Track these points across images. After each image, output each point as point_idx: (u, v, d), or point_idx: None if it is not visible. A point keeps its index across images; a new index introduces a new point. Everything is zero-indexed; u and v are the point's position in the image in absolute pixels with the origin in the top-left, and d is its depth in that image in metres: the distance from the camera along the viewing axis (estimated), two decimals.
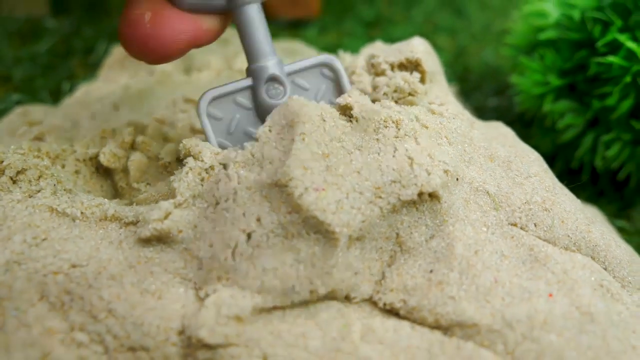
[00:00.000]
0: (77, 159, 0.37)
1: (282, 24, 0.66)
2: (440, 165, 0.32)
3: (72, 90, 0.53)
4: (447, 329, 0.30)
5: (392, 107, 0.35)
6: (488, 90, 0.60)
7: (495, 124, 0.40)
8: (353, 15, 0.69)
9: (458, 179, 0.33)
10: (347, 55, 0.43)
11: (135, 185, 0.37)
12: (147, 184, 0.37)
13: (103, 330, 0.29)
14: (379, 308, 0.31)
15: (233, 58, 0.50)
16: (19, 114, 0.45)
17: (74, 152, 0.38)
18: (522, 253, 0.32)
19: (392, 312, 0.31)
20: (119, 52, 0.53)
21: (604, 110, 0.45)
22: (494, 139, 0.37)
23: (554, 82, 0.46)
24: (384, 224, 0.32)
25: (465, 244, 0.32)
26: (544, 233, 0.33)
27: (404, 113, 0.34)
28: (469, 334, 0.29)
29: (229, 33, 0.53)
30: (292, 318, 0.30)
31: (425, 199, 0.32)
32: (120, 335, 0.29)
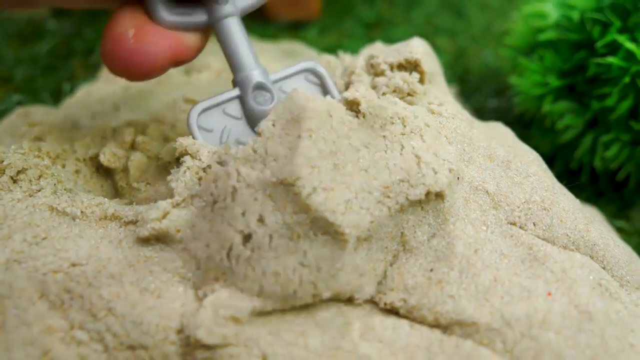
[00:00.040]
0: (77, 159, 0.38)
1: (282, 25, 0.66)
2: (446, 164, 0.32)
3: (72, 91, 0.53)
4: (446, 328, 0.30)
5: (397, 102, 0.34)
6: (488, 92, 0.60)
7: (495, 124, 0.40)
8: (353, 17, 0.69)
9: (459, 178, 0.33)
10: (346, 56, 0.43)
11: (136, 185, 0.37)
12: (147, 184, 0.37)
13: (103, 329, 0.29)
14: (379, 307, 0.31)
15: None
16: (20, 115, 0.45)
17: (75, 152, 0.38)
18: (521, 252, 0.32)
19: (392, 311, 0.31)
20: None
21: (603, 111, 0.45)
22: (493, 139, 0.37)
23: (554, 82, 0.46)
24: (391, 224, 0.31)
25: (466, 243, 0.32)
26: (543, 232, 0.33)
27: (410, 109, 0.34)
28: (468, 333, 0.30)
29: None
30: (291, 317, 0.30)
31: (431, 198, 0.32)
32: (120, 334, 0.29)
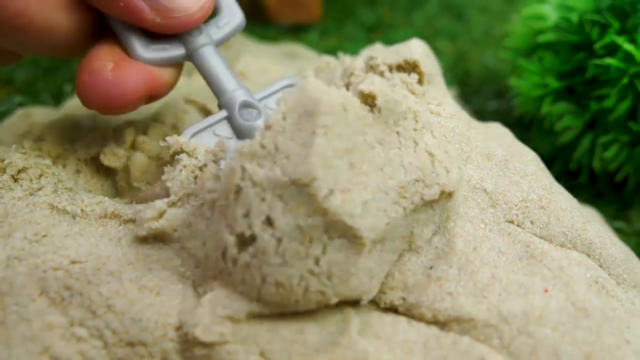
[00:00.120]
0: (78, 159, 0.38)
1: (283, 28, 0.67)
2: (455, 162, 0.32)
3: (73, 93, 0.54)
4: (444, 325, 0.30)
5: (408, 96, 0.34)
6: (488, 94, 0.60)
7: (493, 125, 0.40)
8: (354, 20, 0.70)
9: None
10: (346, 58, 0.43)
11: (136, 185, 0.37)
12: (147, 183, 0.37)
13: (102, 326, 0.29)
14: (378, 306, 0.31)
15: (234, 60, 0.50)
16: (21, 116, 0.45)
17: (75, 151, 0.38)
18: (518, 250, 0.32)
19: (390, 309, 0.31)
20: None
21: (602, 112, 0.45)
22: (492, 139, 0.37)
23: (553, 84, 0.46)
24: (404, 224, 0.31)
25: (465, 241, 0.32)
26: (540, 230, 0.33)
27: (421, 104, 0.34)
28: (466, 329, 0.30)
29: None
30: (289, 314, 0.30)
31: (443, 198, 0.31)
32: (119, 331, 0.29)
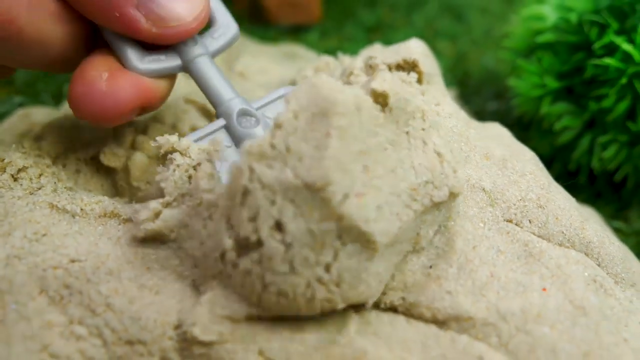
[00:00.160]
0: (77, 159, 0.38)
1: (283, 29, 0.67)
2: (461, 162, 0.32)
3: None
4: (443, 323, 0.30)
5: (416, 94, 0.33)
6: (487, 95, 0.60)
7: (492, 125, 0.40)
8: (354, 20, 0.70)
9: None
10: (345, 57, 0.43)
11: (136, 184, 0.37)
12: (147, 183, 0.37)
13: (101, 324, 0.29)
14: (378, 306, 0.31)
15: (234, 61, 0.50)
16: (21, 116, 0.45)
17: (75, 151, 0.38)
18: (517, 248, 0.32)
19: (390, 309, 0.31)
20: None
21: (601, 112, 0.45)
22: (490, 138, 0.37)
23: (552, 84, 0.46)
24: (412, 227, 0.30)
25: (465, 239, 0.32)
26: (539, 229, 0.33)
27: (427, 101, 0.34)
28: (464, 328, 0.30)
29: None
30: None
31: (450, 199, 0.31)
32: (118, 329, 0.29)
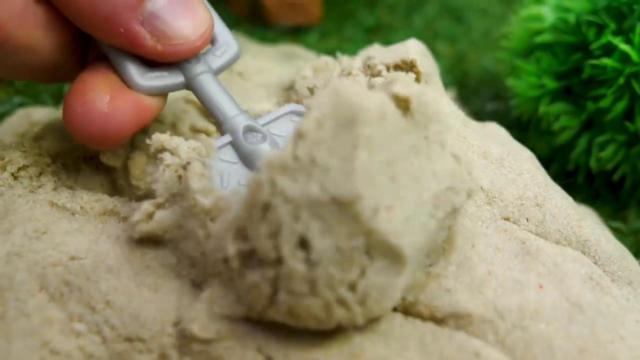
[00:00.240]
0: (77, 158, 0.38)
1: (282, 30, 0.67)
2: (473, 162, 0.32)
3: None
4: (441, 321, 0.30)
5: (437, 97, 0.33)
6: (486, 95, 0.61)
7: (490, 124, 0.40)
8: (354, 22, 0.70)
9: None
10: (344, 58, 0.44)
11: (135, 183, 0.37)
12: (146, 182, 0.37)
13: (101, 321, 0.29)
14: None
15: None
16: (21, 116, 0.46)
17: (75, 150, 0.38)
18: (514, 246, 0.32)
19: None
20: None
21: (599, 112, 0.45)
22: (488, 138, 0.37)
23: (550, 84, 0.46)
24: (435, 234, 0.29)
25: (464, 237, 0.32)
26: (536, 227, 0.34)
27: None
28: (462, 324, 0.30)
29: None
30: None
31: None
32: (118, 326, 0.29)
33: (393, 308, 0.31)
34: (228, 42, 0.37)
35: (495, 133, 0.39)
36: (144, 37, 0.32)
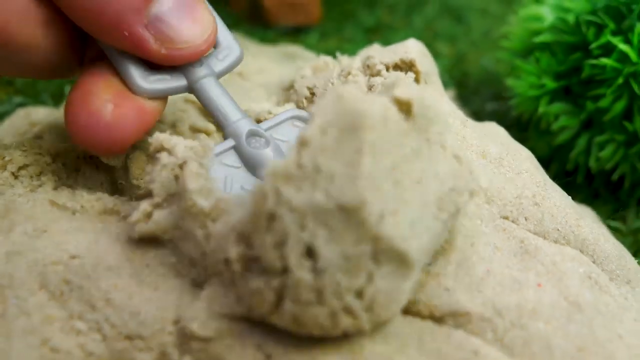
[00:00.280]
0: (77, 157, 0.38)
1: (282, 31, 0.67)
2: (473, 160, 0.32)
3: None
4: (440, 319, 0.30)
5: (437, 98, 0.33)
6: (486, 95, 0.61)
7: (489, 124, 0.40)
8: (354, 22, 0.70)
9: None
10: (344, 58, 0.44)
11: (135, 182, 0.37)
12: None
13: (101, 319, 0.30)
14: None
15: None
16: (22, 115, 0.46)
17: (75, 150, 0.38)
18: (513, 245, 0.33)
19: None
20: None
21: (598, 112, 0.45)
22: (486, 137, 0.38)
23: (549, 84, 0.47)
24: (439, 236, 0.29)
25: (463, 236, 0.32)
26: (534, 226, 0.34)
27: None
28: (461, 323, 0.30)
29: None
30: None
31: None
32: (118, 324, 0.29)
33: None
34: (230, 45, 0.37)
35: (494, 133, 0.39)
36: (148, 40, 0.32)
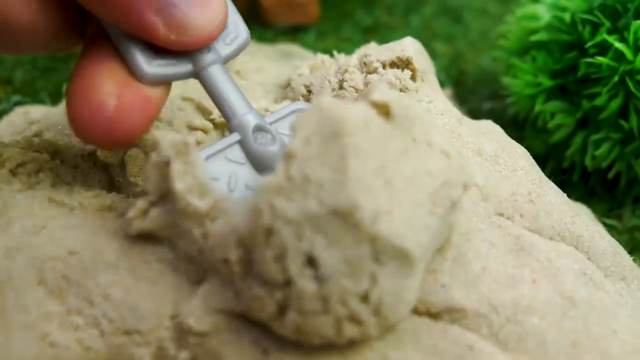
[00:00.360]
0: (75, 155, 0.38)
1: (280, 30, 0.67)
2: (465, 156, 0.32)
3: None
4: (436, 315, 0.31)
5: (411, 97, 0.32)
6: (483, 94, 0.61)
7: (484, 122, 0.40)
8: (351, 22, 0.70)
9: None
10: (341, 56, 0.44)
11: (132, 180, 0.37)
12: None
13: (99, 315, 0.30)
14: None
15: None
16: (20, 114, 0.46)
17: (73, 147, 0.38)
18: (508, 242, 0.33)
19: None
20: None
21: (594, 110, 0.45)
22: (482, 135, 0.38)
23: (546, 83, 0.47)
24: (439, 231, 0.29)
25: (460, 233, 0.32)
26: (530, 223, 0.34)
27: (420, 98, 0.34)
28: (456, 318, 0.30)
29: None
30: None
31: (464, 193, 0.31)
32: (116, 319, 0.30)
33: None
34: (237, 27, 0.35)
35: (490, 131, 0.39)
36: (157, 25, 0.31)
